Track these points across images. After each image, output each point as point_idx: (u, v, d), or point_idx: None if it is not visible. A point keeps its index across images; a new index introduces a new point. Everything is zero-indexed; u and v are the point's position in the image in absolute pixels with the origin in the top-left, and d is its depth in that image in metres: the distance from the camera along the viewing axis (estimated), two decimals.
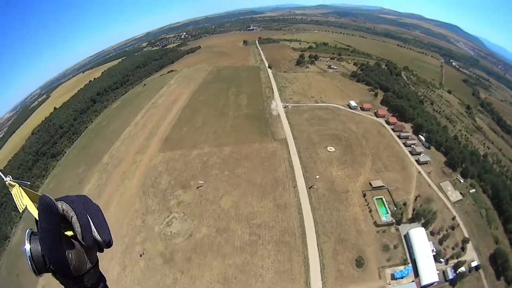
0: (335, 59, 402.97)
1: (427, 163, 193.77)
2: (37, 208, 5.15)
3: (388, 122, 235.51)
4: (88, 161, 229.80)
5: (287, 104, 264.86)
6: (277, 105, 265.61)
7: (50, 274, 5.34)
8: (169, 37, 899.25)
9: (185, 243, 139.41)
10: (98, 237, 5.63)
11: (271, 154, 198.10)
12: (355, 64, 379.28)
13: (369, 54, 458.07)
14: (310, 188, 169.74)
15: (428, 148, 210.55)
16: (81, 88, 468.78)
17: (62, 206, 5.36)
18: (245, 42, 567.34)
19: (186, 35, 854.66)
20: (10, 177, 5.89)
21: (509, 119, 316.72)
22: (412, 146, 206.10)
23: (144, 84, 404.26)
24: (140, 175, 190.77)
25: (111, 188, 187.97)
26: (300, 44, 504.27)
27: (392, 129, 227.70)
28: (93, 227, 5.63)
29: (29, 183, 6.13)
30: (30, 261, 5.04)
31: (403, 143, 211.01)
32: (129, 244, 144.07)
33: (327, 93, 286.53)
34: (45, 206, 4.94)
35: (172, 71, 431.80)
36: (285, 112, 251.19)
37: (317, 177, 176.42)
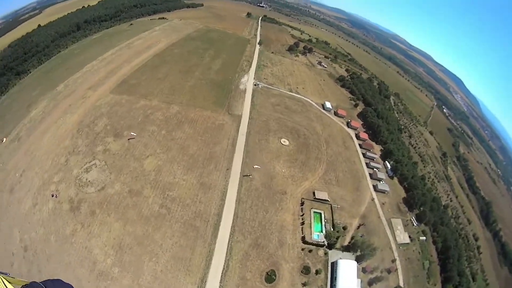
0: (329, 59, 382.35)
1: (384, 192, 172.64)
2: None
3: (357, 137, 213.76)
4: (44, 86, 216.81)
5: (258, 83, 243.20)
6: (248, 81, 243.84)
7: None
8: None
9: (95, 195, 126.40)
10: None
11: (217, 127, 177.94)
12: (347, 70, 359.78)
13: (366, 68, 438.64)
14: (244, 176, 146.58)
15: (391, 177, 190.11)
16: (71, 12, 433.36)
17: None
18: (248, 14, 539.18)
19: None
20: None
21: (479, 181, 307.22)
22: (374, 169, 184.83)
23: (131, 24, 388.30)
24: (82, 112, 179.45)
25: (52, 118, 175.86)
26: (301, 34, 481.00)
27: (360, 145, 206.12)
28: None
29: (9, 274, 7.35)
30: None
31: (366, 163, 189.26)
32: (46, 180, 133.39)
33: (305, 86, 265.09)
34: None
35: (163, 18, 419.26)
36: (253, 90, 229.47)
37: (256, 166, 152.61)
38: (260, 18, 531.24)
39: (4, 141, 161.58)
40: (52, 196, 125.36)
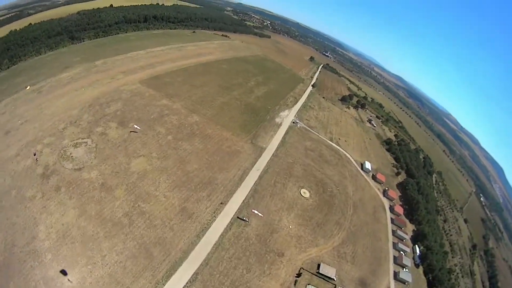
0: (380, 120, 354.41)
1: (405, 283, 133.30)
2: None
3: (391, 209, 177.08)
4: (87, 56, 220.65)
5: (298, 121, 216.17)
6: (288, 116, 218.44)
7: None
8: (253, 16, 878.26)
9: (69, 172, 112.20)
10: None
11: (232, 153, 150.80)
12: (395, 135, 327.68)
13: (414, 139, 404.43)
14: (238, 218, 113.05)
15: (417, 266, 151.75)
16: (145, 4, 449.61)
17: None
18: (311, 58, 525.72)
19: (269, 25, 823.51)
20: None
21: (501, 280, 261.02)
22: (401, 253, 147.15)
23: (193, 31, 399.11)
24: (103, 90, 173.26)
25: (75, 86, 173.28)
26: (358, 90, 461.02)
27: (392, 219, 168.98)
28: None
29: None
30: None
31: (393, 243, 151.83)
32: (38, 138, 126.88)
33: (348, 139, 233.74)
34: None
35: (226, 36, 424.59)
36: (289, 127, 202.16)
37: (256, 212, 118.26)
38: (322, 65, 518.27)
39: (27, 88, 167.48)
40: (34, 155, 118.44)
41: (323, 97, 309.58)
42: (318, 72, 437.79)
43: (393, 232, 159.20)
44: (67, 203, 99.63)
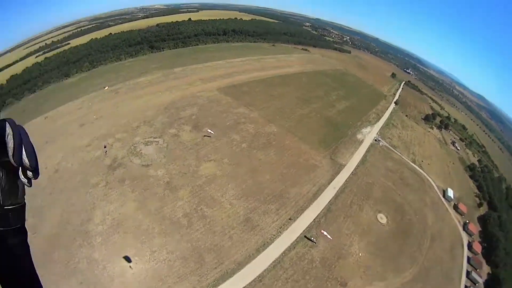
0: (464, 143, 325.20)
1: None
2: None
3: (469, 246, 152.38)
4: (165, 64, 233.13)
5: (380, 139, 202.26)
6: (370, 133, 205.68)
7: None
8: (332, 31, 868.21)
9: (136, 168, 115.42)
10: (26, 160, 4.75)
11: (309, 167, 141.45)
12: (479, 161, 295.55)
13: (497, 166, 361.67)
14: (306, 237, 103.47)
15: None
16: (223, 19, 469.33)
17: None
18: (393, 75, 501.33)
19: (348, 40, 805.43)
20: None
21: None
22: None
23: (273, 45, 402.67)
24: (180, 95, 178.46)
25: (153, 90, 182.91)
26: (440, 109, 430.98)
27: (468, 258, 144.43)
28: (23, 150, 4.73)
29: None
30: None
31: (465, 287, 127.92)
32: (110, 133, 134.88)
33: (431, 162, 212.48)
34: None
35: (306, 50, 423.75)
36: (370, 144, 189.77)
37: (326, 234, 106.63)
38: (404, 82, 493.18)
39: (106, 88, 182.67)
40: (104, 147, 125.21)
41: (406, 115, 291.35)
42: (400, 89, 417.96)
43: (467, 273, 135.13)
44: (128, 195, 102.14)
